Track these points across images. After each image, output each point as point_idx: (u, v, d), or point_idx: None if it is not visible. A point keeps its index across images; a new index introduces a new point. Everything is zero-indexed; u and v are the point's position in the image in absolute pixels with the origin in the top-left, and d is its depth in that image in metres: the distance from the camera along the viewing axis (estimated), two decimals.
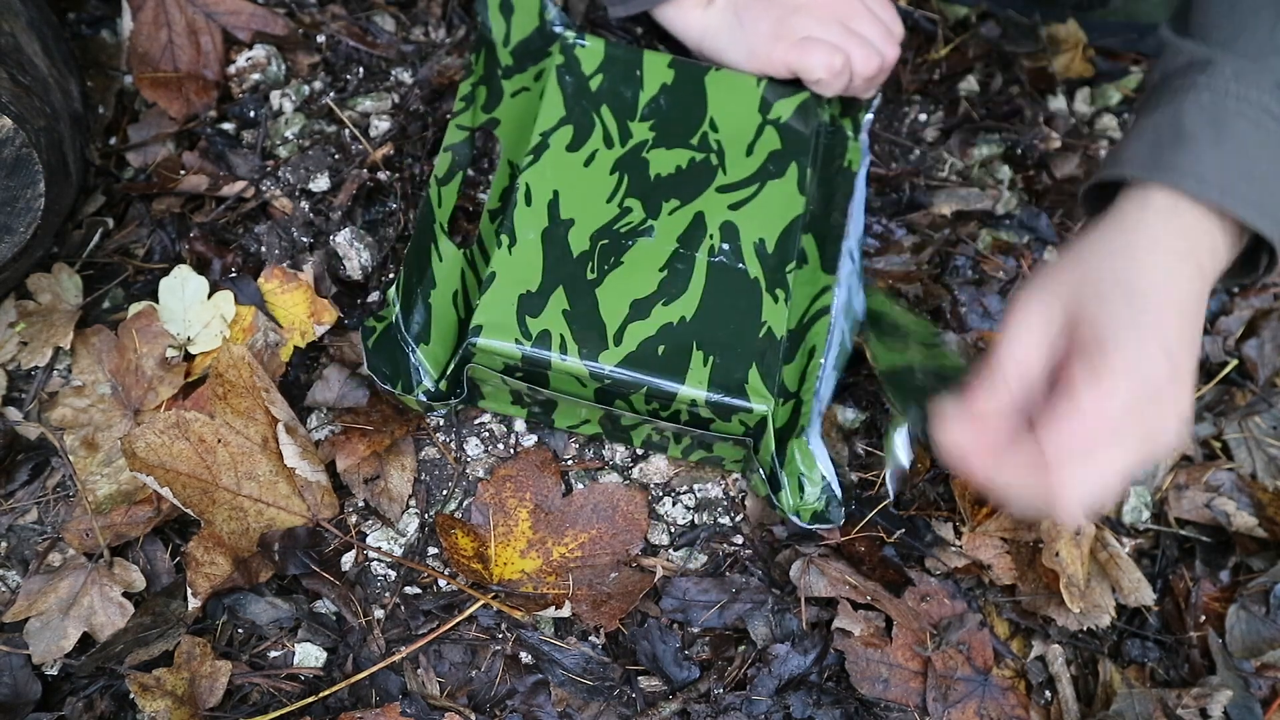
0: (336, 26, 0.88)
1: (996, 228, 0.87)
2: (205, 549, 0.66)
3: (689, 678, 0.68)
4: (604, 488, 0.72)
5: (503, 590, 0.68)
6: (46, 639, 0.65)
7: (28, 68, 0.69)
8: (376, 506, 0.71)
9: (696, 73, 0.79)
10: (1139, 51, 0.96)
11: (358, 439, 0.71)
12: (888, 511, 0.74)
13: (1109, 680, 0.71)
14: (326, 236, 0.79)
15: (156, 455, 0.66)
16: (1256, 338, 0.85)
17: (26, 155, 0.65)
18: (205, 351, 0.73)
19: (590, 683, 0.67)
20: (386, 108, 0.85)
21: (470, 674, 0.68)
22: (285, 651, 0.67)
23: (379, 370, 0.69)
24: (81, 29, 0.87)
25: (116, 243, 0.79)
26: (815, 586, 0.70)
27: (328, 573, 0.68)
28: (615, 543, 0.71)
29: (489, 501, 0.71)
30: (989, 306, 0.83)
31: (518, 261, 0.69)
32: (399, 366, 0.70)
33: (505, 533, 0.70)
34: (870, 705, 0.68)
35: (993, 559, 0.72)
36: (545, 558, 0.70)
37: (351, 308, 0.78)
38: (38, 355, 0.73)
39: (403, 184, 0.82)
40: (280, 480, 0.69)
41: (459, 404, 0.72)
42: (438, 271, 0.73)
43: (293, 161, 0.81)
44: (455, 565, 0.68)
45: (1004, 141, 0.91)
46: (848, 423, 0.77)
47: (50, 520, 0.70)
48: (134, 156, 0.81)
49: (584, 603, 0.67)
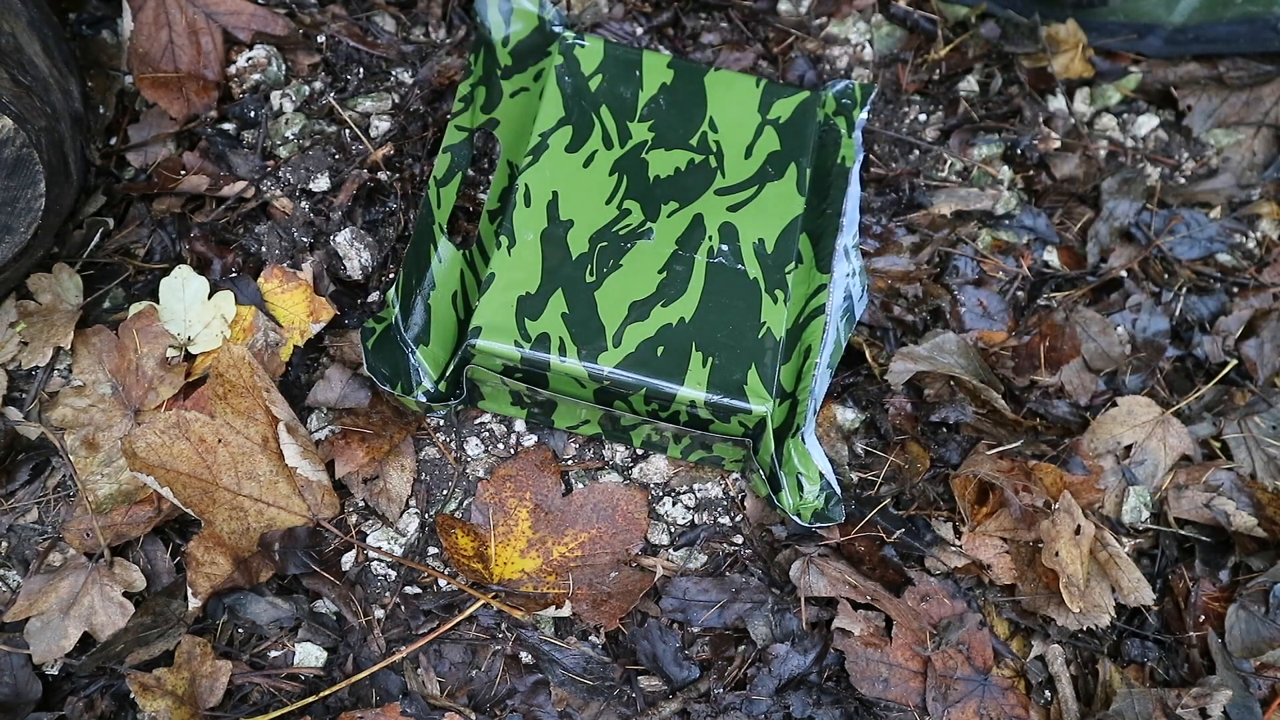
0: (336, 26, 0.88)
1: (996, 228, 0.87)
2: (206, 549, 0.66)
3: (689, 677, 0.68)
4: (604, 487, 0.72)
5: (503, 590, 0.68)
6: (47, 639, 0.65)
7: (28, 68, 0.69)
8: (375, 507, 0.71)
9: (696, 73, 0.79)
10: (1139, 51, 0.96)
11: (357, 443, 0.71)
12: (888, 511, 0.74)
13: (1109, 680, 0.71)
14: (327, 236, 0.79)
15: (157, 455, 0.66)
16: (1256, 338, 0.85)
17: (27, 155, 0.65)
18: (205, 351, 0.73)
19: (590, 682, 0.67)
20: (386, 108, 0.85)
21: (470, 674, 0.68)
22: (285, 651, 0.67)
23: (378, 371, 0.69)
24: (82, 29, 0.87)
25: (117, 243, 0.79)
26: (815, 586, 0.70)
27: (328, 573, 0.68)
28: (615, 542, 0.71)
29: (489, 501, 0.71)
30: (989, 306, 0.83)
31: (516, 263, 0.69)
32: (399, 367, 0.70)
33: (505, 532, 0.71)
34: (870, 705, 0.68)
35: (993, 559, 0.73)
36: (545, 557, 0.70)
37: (351, 308, 0.78)
38: (38, 355, 0.73)
39: (403, 184, 0.82)
40: (280, 480, 0.69)
41: (458, 405, 0.72)
42: (437, 273, 0.73)
43: (293, 161, 0.81)
44: (455, 565, 0.68)
45: (1004, 141, 0.91)
46: (847, 423, 0.77)
47: (51, 520, 0.70)
48: (134, 156, 0.81)
49: (584, 602, 0.68)
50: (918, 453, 0.76)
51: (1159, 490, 0.79)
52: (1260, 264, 0.90)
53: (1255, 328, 0.85)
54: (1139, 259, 0.87)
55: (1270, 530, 0.75)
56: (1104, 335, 0.83)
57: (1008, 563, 0.73)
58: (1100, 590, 0.72)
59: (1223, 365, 0.84)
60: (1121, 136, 0.94)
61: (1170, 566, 0.76)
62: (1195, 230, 0.90)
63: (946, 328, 0.81)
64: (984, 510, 0.74)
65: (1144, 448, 0.79)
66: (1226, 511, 0.76)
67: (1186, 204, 0.92)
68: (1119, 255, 0.88)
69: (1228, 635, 0.73)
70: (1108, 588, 0.72)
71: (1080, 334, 0.83)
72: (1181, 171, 0.94)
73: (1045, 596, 0.71)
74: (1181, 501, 0.78)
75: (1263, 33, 0.91)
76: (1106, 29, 0.95)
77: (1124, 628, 0.74)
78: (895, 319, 0.81)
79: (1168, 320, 0.85)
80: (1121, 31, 0.95)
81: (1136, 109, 0.96)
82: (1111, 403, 0.80)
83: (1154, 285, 0.87)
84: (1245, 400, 0.83)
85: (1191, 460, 0.80)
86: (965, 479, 0.75)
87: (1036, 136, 0.91)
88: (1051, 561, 0.70)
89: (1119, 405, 0.80)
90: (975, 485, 0.75)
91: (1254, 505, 0.77)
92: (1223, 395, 0.83)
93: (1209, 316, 0.87)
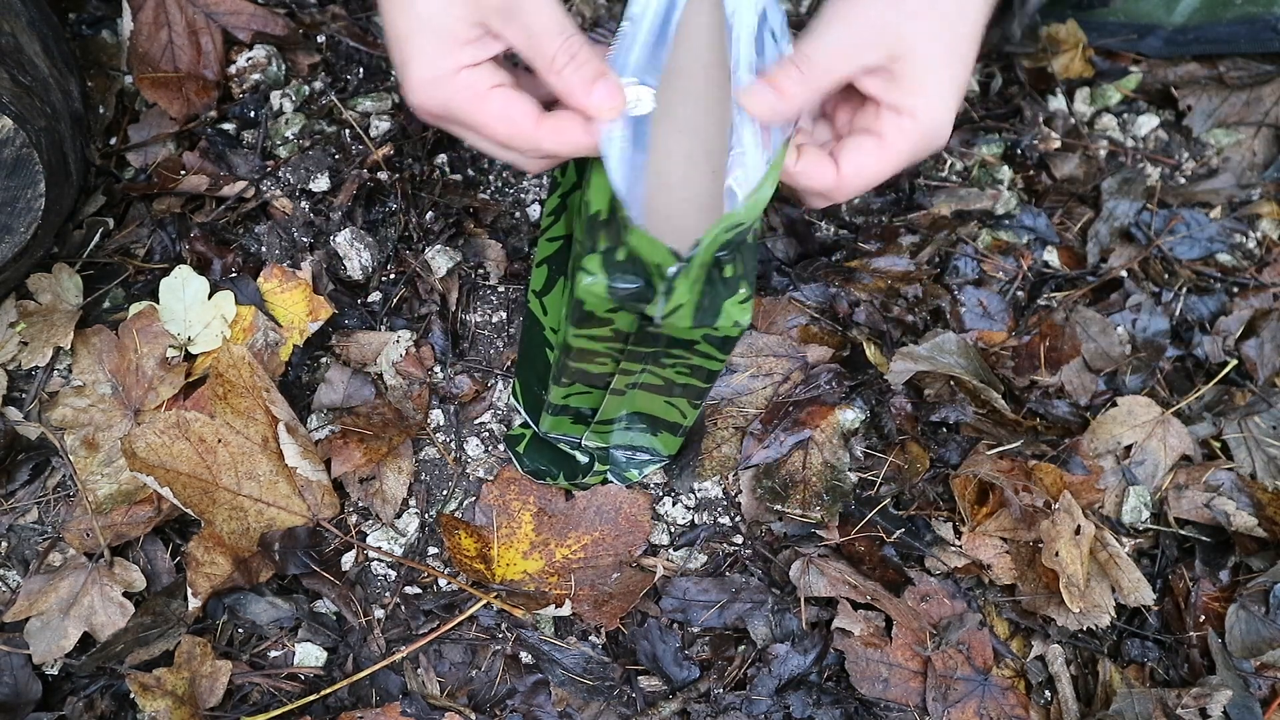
0: (336, 26, 0.88)
1: (996, 228, 0.87)
2: (205, 549, 0.66)
3: (689, 678, 0.68)
4: (607, 490, 0.72)
5: (504, 590, 0.68)
6: (47, 639, 0.65)
7: (28, 68, 0.69)
8: (370, 507, 0.71)
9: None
10: (1139, 51, 0.96)
11: (355, 443, 0.71)
12: (888, 511, 0.74)
13: (1109, 680, 0.71)
14: (327, 237, 0.79)
15: (157, 455, 0.66)
16: (1256, 338, 0.85)
17: (27, 155, 0.65)
18: (205, 351, 0.73)
19: (590, 682, 0.67)
20: (386, 108, 0.85)
21: (470, 674, 0.68)
22: (285, 651, 0.67)
23: (538, 471, 0.72)
24: (82, 29, 0.87)
25: (117, 243, 0.79)
26: (815, 586, 0.70)
27: (328, 572, 0.68)
28: (618, 544, 0.71)
29: (493, 503, 0.71)
30: (989, 306, 0.83)
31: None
32: (557, 459, 0.72)
33: (508, 534, 0.71)
34: (870, 705, 0.68)
35: (993, 559, 0.73)
36: (548, 559, 0.70)
37: (351, 307, 0.78)
38: (38, 355, 0.73)
39: (402, 184, 0.82)
40: (280, 480, 0.69)
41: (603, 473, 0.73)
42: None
43: (293, 161, 0.81)
44: (458, 564, 0.68)
45: (1004, 141, 0.91)
46: (847, 423, 0.77)
47: (50, 520, 0.70)
48: (134, 156, 0.81)
49: (585, 602, 0.68)
50: (918, 453, 0.76)
51: (1159, 490, 0.79)
52: (1260, 264, 0.90)
53: (1255, 328, 0.85)
54: (1139, 259, 0.87)
55: (1270, 530, 0.75)
56: (1104, 335, 0.83)
57: (1008, 563, 0.73)
58: (1100, 590, 0.72)
59: (1223, 365, 0.84)
60: (1122, 136, 0.94)
61: (1170, 566, 0.76)
62: (1195, 230, 0.90)
63: (947, 328, 0.81)
64: (984, 510, 0.74)
65: (1144, 448, 0.79)
66: (1227, 511, 0.76)
67: (1186, 204, 0.92)
68: (1119, 255, 0.88)
69: (1228, 635, 0.73)
70: (1108, 588, 0.72)
71: (1080, 334, 0.83)
72: (1181, 171, 0.94)
73: (1045, 596, 0.71)
74: (1181, 501, 0.78)
75: (1262, 33, 0.91)
76: (1106, 29, 0.95)
77: (1124, 628, 0.74)
78: (895, 319, 0.81)
79: (1168, 320, 0.85)
80: (1121, 31, 0.95)
81: (1137, 109, 0.96)
82: (1111, 403, 0.80)
83: (1154, 285, 0.87)
84: (1245, 400, 0.83)
85: (1191, 460, 0.80)
86: (965, 479, 0.75)
87: (1036, 136, 0.91)
88: (1051, 561, 0.70)
89: (1119, 405, 0.80)
90: (975, 485, 0.75)
91: (1254, 505, 0.77)
92: (1223, 395, 0.83)
93: (1209, 316, 0.86)
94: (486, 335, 0.79)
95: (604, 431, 0.71)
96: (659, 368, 0.63)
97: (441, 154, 0.84)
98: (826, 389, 0.77)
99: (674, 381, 0.64)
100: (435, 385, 0.76)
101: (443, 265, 0.78)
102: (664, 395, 0.66)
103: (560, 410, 0.69)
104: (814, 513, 0.72)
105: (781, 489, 0.73)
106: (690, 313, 0.55)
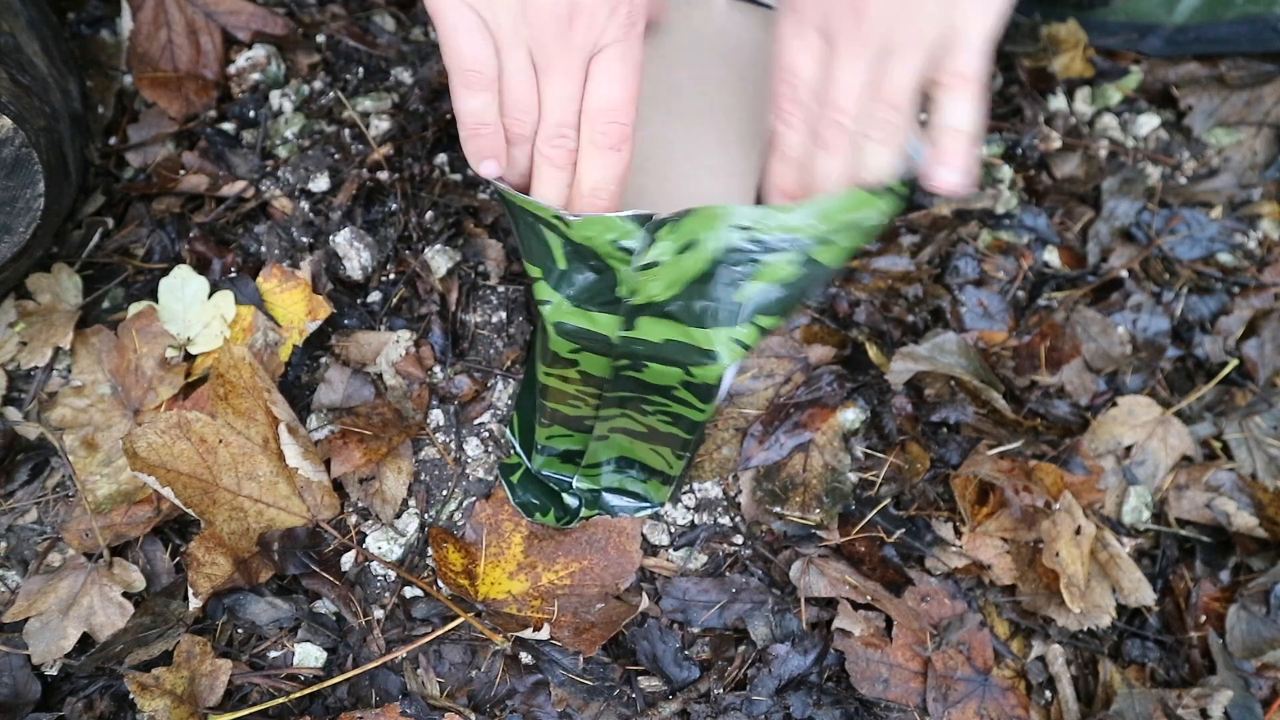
0: (336, 26, 0.87)
1: (996, 228, 0.87)
2: (206, 549, 0.66)
3: (689, 678, 0.68)
4: (601, 520, 0.71)
5: (485, 608, 0.68)
6: (46, 639, 0.65)
7: (28, 68, 0.69)
8: (370, 507, 0.71)
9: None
10: (1139, 51, 0.96)
11: (355, 443, 0.71)
12: (888, 512, 0.74)
13: (1109, 680, 0.71)
14: (326, 236, 0.79)
15: (158, 455, 0.66)
16: (1256, 338, 0.85)
17: (26, 155, 0.65)
18: (205, 351, 0.73)
19: (590, 683, 0.67)
20: (386, 108, 0.85)
21: (470, 674, 0.68)
22: (285, 651, 0.67)
23: (528, 505, 0.71)
24: (81, 29, 0.87)
25: (116, 243, 0.79)
26: (815, 586, 0.70)
27: (327, 573, 0.68)
28: (606, 575, 0.70)
29: (484, 521, 0.71)
30: (989, 306, 0.83)
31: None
32: (546, 496, 0.72)
33: (497, 553, 0.70)
34: (870, 705, 0.68)
35: (993, 559, 0.72)
36: (534, 581, 0.69)
37: (351, 307, 0.78)
38: (38, 355, 0.73)
39: (402, 184, 0.81)
40: (281, 480, 0.69)
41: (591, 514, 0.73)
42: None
43: (293, 161, 0.81)
44: (443, 578, 0.68)
45: (1004, 141, 0.91)
46: (847, 424, 0.77)
47: (50, 520, 0.70)
48: (134, 156, 0.81)
49: (566, 628, 0.67)
50: (918, 453, 0.76)
51: (1159, 490, 0.78)
52: (1261, 264, 0.90)
53: (1256, 328, 0.85)
54: (1139, 259, 0.87)
55: (1271, 530, 0.75)
56: (1104, 335, 0.83)
57: (1008, 563, 0.72)
58: (1101, 590, 0.72)
59: (1223, 365, 0.84)
60: (1122, 136, 0.94)
61: (1171, 567, 0.76)
62: (1196, 230, 0.90)
63: (947, 328, 0.81)
64: (984, 510, 0.74)
65: (1144, 448, 0.79)
66: (1227, 512, 0.76)
67: (1187, 204, 0.92)
68: (1119, 255, 0.88)
69: (1228, 635, 0.73)
70: (1108, 588, 0.72)
71: (1081, 334, 0.83)
72: (1182, 171, 0.94)
73: (1046, 597, 0.71)
74: (1182, 502, 0.78)
75: (1263, 33, 0.91)
76: (1107, 29, 0.95)
77: (1124, 628, 0.74)
78: (895, 319, 0.81)
79: (1168, 320, 0.85)
80: (1122, 31, 0.95)
81: (1137, 109, 0.96)
82: (1112, 403, 0.80)
83: (1155, 285, 0.87)
84: (1246, 400, 0.82)
85: (1192, 460, 0.80)
86: (965, 479, 0.74)
87: (1037, 136, 0.91)
88: (1052, 562, 0.70)
89: (1119, 405, 0.80)
90: (975, 485, 0.75)
91: (1255, 505, 0.77)
92: (1223, 395, 0.83)
93: (1210, 316, 0.86)
94: (486, 335, 0.79)
95: (593, 474, 0.71)
96: (639, 414, 0.64)
97: (441, 154, 0.84)
98: (828, 390, 0.77)
99: (657, 429, 0.66)
100: (435, 385, 0.76)
101: (442, 265, 0.78)
102: (648, 442, 0.68)
103: (545, 450, 0.71)
104: (813, 515, 0.72)
105: (781, 491, 0.73)
106: (665, 285, 0.54)
